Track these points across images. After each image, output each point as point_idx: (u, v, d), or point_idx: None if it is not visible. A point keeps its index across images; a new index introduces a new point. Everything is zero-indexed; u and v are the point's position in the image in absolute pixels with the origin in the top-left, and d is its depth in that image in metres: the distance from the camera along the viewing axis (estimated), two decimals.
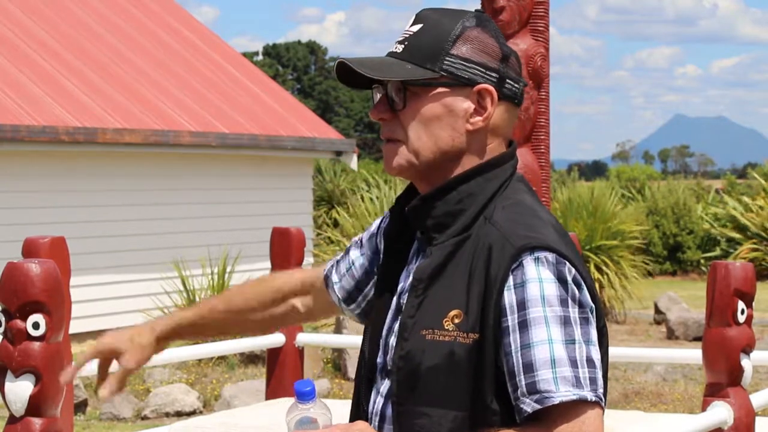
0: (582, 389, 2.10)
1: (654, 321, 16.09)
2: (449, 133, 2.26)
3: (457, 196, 2.25)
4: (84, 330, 14.12)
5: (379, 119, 2.31)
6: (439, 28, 2.27)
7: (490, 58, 2.27)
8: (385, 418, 2.27)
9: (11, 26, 15.57)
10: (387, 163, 2.31)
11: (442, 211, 2.25)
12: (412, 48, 2.27)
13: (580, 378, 2.10)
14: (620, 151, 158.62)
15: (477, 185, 2.25)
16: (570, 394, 2.09)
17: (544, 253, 2.16)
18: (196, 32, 18.73)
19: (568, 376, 2.10)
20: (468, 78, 2.26)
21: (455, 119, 2.26)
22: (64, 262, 4.90)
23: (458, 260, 2.22)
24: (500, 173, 2.27)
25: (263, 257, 10.62)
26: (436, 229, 2.25)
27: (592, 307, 2.19)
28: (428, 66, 2.25)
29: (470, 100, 2.26)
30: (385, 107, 2.29)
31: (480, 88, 2.26)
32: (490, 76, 2.27)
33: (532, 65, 5.63)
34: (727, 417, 4.91)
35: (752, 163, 73.12)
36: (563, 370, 2.10)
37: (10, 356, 3.71)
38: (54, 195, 14.31)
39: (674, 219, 24.46)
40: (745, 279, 4.89)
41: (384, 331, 2.31)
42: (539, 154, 5.71)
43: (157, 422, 9.89)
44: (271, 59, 75.59)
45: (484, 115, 2.27)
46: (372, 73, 2.25)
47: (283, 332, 6.57)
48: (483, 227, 2.22)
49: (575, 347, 2.12)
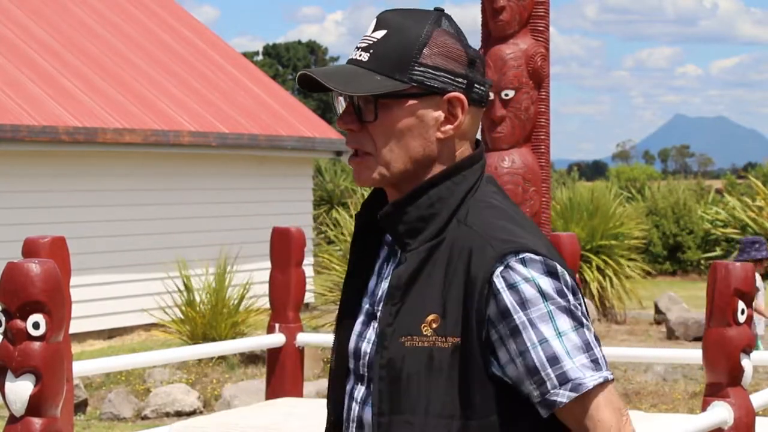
0: (601, 370, 2.16)
1: (654, 321, 16.08)
2: (420, 143, 2.25)
3: (428, 200, 2.24)
4: (84, 330, 14.13)
5: (347, 129, 2.28)
6: (405, 33, 2.24)
7: (458, 64, 2.25)
8: (363, 425, 2.26)
9: (11, 26, 15.57)
10: (357, 176, 2.29)
11: (414, 216, 2.24)
12: (379, 57, 2.24)
13: (597, 360, 2.17)
14: (620, 151, 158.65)
15: (447, 189, 2.24)
16: (597, 377, 2.15)
17: (528, 254, 2.17)
18: (196, 32, 18.73)
19: (587, 362, 2.15)
20: (438, 87, 2.24)
21: (426, 129, 2.25)
22: (64, 262, 4.90)
23: (433, 265, 2.21)
24: (469, 175, 2.27)
25: (263, 257, 10.61)
26: (408, 235, 2.24)
27: (581, 295, 2.24)
28: (397, 77, 2.22)
29: (441, 109, 2.25)
30: (353, 118, 2.27)
31: (450, 97, 2.25)
32: (458, 82, 2.25)
33: (532, 65, 5.63)
34: (727, 417, 4.91)
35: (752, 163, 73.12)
36: (581, 358, 2.15)
37: (10, 356, 3.71)
38: (54, 195, 14.31)
39: (674, 219, 24.46)
40: (745, 279, 4.89)
41: (354, 336, 2.31)
42: (539, 154, 5.71)
43: (157, 422, 9.89)
44: (271, 59, 75.59)
45: (455, 123, 2.26)
46: (342, 88, 2.22)
47: (283, 332, 6.56)
48: (457, 229, 2.22)
49: (584, 332, 2.17)
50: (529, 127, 5.65)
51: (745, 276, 4.90)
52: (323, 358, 11.87)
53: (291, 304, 6.58)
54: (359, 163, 2.28)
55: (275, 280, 6.58)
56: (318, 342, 7.70)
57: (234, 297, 12.73)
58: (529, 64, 5.63)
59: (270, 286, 6.60)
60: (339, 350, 2.34)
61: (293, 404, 6.36)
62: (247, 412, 6.49)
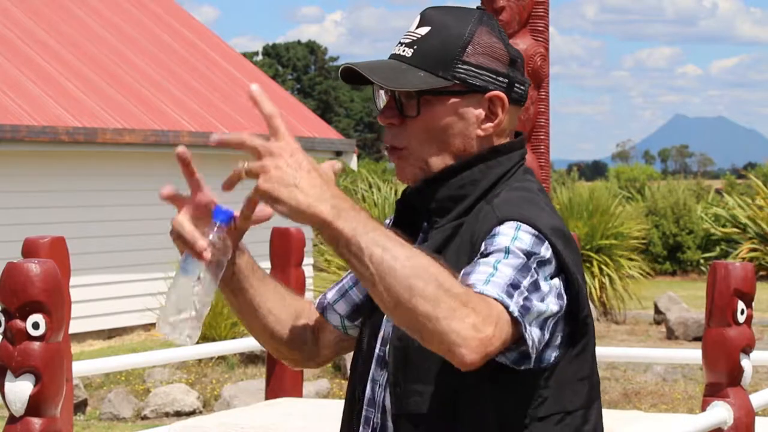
0: (510, 299, 2.04)
1: (654, 321, 16.09)
2: (460, 140, 2.27)
3: (459, 181, 2.25)
4: (84, 330, 14.14)
5: (388, 124, 2.29)
6: (448, 31, 2.26)
7: (500, 64, 2.27)
8: (386, 409, 2.26)
9: (11, 26, 15.58)
10: (400, 172, 2.29)
11: (444, 195, 2.25)
12: (423, 53, 2.25)
13: (514, 294, 2.05)
14: (620, 151, 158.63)
15: (480, 171, 2.25)
16: (495, 294, 2.03)
17: (527, 226, 2.14)
18: (196, 32, 18.74)
19: (502, 283, 2.05)
20: (480, 85, 2.26)
21: (467, 126, 2.26)
22: (64, 262, 4.90)
23: (457, 242, 2.22)
24: (505, 161, 2.27)
25: (263, 257, 10.60)
26: (437, 213, 2.26)
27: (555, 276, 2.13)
28: (441, 74, 2.24)
29: (482, 107, 2.26)
30: (394, 113, 2.28)
31: (492, 95, 2.26)
32: (500, 81, 2.27)
33: (532, 65, 5.63)
34: (726, 417, 4.91)
35: (752, 163, 73.14)
36: (498, 280, 2.05)
37: (9, 356, 3.71)
38: (54, 195, 14.31)
39: (674, 219, 24.46)
40: (745, 279, 4.89)
41: (383, 321, 2.31)
42: (539, 154, 5.71)
43: (157, 422, 9.90)
44: (271, 59, 75.59)
45: (495, 122, 2.27)
46: (386, 83, 2.24)
47: None
48: (482, 210, 2.22)
49: (522, 283, 2.07)
50: (528, 127, 5.65)
51: (745, 276, 4.90)
52: None
53: None
54: (401, 159, 2.28)
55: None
56: None
57: None
58: (528, 64, 5.63)
59: None
60: (368, 337, 2.33)
61: (293, 404, 6.36)
62: (247, 412, 6.50)
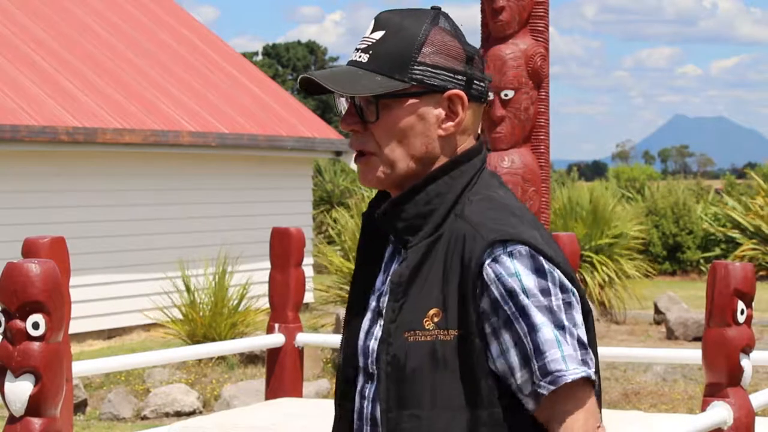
0: (587, 367, 2.15)
1: (654, 321, 16.08)
2: (422, 141, 2.27)
3: (425, 197, 2.26)
4: (84, 330, 14.13)
5: (351, 130, 2.30)
6: (403, 33, 2.26)
7: (457, 62, 2.27)
8: (376, 423, 2.27)
9: (11, 26, 15.57)
10: (363, 177, 2.31)
11: (412, 213, 2.26)
12: (378, 57, 2.26)
13: (583, 358, 2.15)
14: (620, 151, 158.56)
15: (444, 184, 2.26)
16: (579, 371, 2.13)
17: (517, 247, 2.18)
18: (196, 32, 18.73)
19: (573, 354, 2.14)
20: (437, 85, 2.26)
21: (428, 127, 2.27)
22: (64, 262, 4.91)
23: (433, 260, 2.23)
24: (467, 169, 2.29)
25: (263, 257, 10.61)
26: (407, 232, 2.27)
27: (573, 290, 2.21)
28: (397, 77, 2.25)
29: (441, 107, 2.27)
30: (355, 119, 2.29)
31: (450, 94, 2.27)
32: (458, 80, 2.27)
33: (532, 65, 5.64)
34: (726, 417, 4.91)
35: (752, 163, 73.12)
36: (567, 349, 2.14)
37: (9, 356, 3.71)
38: (54, 195, 14.31)
39: (674, 219, 24.45)
40: (745, 279, 4.89)
41: (362, 334, 2.32)
42: (539, 154, 5.71)
43: (157, 422, 9.89)
44: (271, 59, 75.58)
45: (456, 120, 2.28)
46: (343, 90, 2.25)
47: (282, 332, 6.57)
48: (454, 224, 2.23)
49: (566, 331, 2.16)
50: (528, 128, 5.66)
51: (745, 276, 4.90)
52: (323, 359, 11.87)
53: (290, 305, 6.59)
54: (364, 163, 2.30)
55: (275, 280, 6.59)
56: (317, 342, 7.71)
57: (234, 297, 12.73)
58: (528, 65, 5.63)
59: (270, 286, 6.61)
60: (348, 348, 2.35)
61: (293, 404, 6.37)
62: (247, 412, 6.50)
